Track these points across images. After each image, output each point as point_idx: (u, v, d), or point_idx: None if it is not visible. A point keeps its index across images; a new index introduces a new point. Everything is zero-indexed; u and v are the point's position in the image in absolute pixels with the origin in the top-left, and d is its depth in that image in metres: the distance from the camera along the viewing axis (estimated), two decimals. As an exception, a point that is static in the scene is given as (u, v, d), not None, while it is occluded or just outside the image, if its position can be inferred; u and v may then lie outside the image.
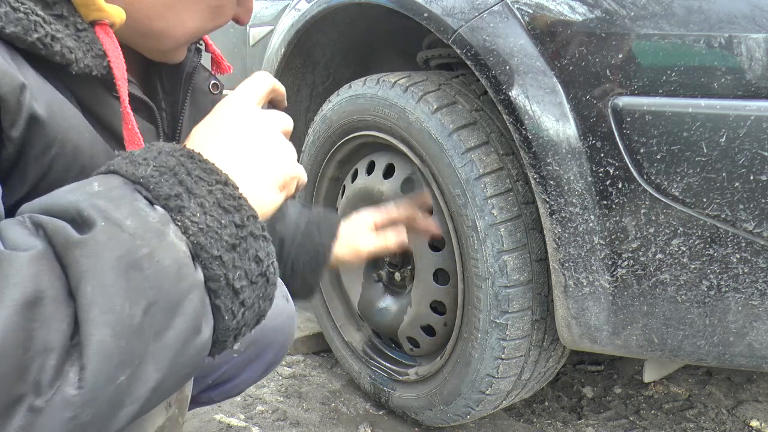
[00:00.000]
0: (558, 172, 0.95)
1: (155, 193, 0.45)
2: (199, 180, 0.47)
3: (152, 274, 0.41)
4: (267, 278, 0.49)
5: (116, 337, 0.39)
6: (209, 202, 0.46)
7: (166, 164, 0.46)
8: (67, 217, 0.41)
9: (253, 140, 0.54)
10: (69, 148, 0.51)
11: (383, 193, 1.31)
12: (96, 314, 0.39)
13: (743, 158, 0.81)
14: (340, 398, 1.52)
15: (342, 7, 1.37)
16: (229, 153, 0.52)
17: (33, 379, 0.37)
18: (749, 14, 0.81)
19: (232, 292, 0.46)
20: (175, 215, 0.44)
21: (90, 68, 0.53)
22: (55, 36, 0.50)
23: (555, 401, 1.51)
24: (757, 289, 0.86)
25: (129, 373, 0.40)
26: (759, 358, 0.91)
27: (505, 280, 1.08)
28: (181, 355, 0.44)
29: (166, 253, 0.42)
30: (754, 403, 1.48)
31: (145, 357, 0.41)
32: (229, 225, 0.46)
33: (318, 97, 1.70)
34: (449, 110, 1.14)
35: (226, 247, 0.45)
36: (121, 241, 0.41)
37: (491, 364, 1.14)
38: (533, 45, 0.95)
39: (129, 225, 0.42)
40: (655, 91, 0.86)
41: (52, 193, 0.44)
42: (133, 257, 0.41)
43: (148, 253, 0.41)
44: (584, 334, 1.02)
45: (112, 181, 0.45)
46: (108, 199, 0.42)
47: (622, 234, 0.92)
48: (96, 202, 0.42)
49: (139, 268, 0.41)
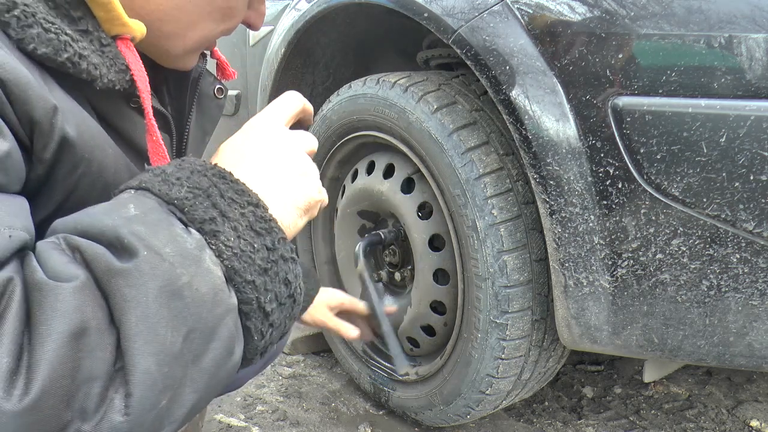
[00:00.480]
0: (558, 172, 0.95)
1: (190, 216, 0.45)
2: (232, 202, 0.47)
3: (191, 302, 0.42)
4: (294, 299, 0.50)
5: (159, 364, 0.41)
6: (242, 226, 0.47)
7: (200, 185, 0.47)
8: (105, 241, 0.42)
9: (281, 162, 0.55)
10: (95, 167, 0.52)
11: (383, 193, 1.31)
12: (141, 344, 0.40)
13: (743, 158, 0.81)
14: (340, 398, 1.52)
15: (342, 7, 1.37)
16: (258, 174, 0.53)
17: (79, 406, 0.38)
18: (749, 14, 0.81)
19: (263, 314, 0.47)
20: (210, 239, 0.45)
21: (114, 83, 0.54)
22: (83, 54, 0.51)
23: (555, 401, 1.51)
24: (757, 289, 0.86)
25: (170, 397, 0.42)
26: (759, 358, 0.91)
27: (505, 280, 1.08)
28: (215, 376, 0.45)
29: (204, 280, 0.43)
30: (754, 403, 1.48)
31: (185, 380, 0.43)
32: (261, 248, 0.47)
33: (318, 97, 1.70)
34: (449, 110, 1.14)
35: (258, 271, 0.47)
36: (163, 271, 0.42)
37: (491, 364, 1.14)
38: (533, 45, 0.95)
39: (168, 253, 0.42)
40: (655, 91, 0.86)
41: (86, 213, 0.44)
42: (174, 286, 0.42)
43: (188, 282, 0.42)
44: (584, 334, 1.02)
45: (147, 202, 0.45)
46: (146, 224, 0.43)
47: (622, 234, 0.92)
48: (135, 229, 0.42)
49: (180, 297, 0.42)
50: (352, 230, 1.46)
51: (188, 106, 0.72)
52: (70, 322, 0.38)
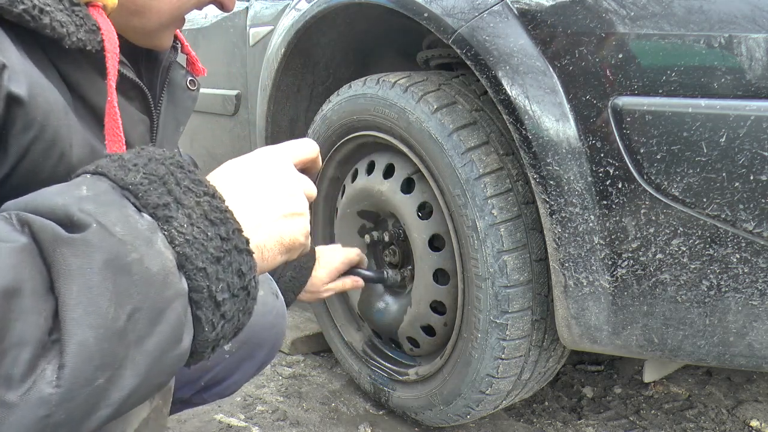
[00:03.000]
0: (558, 172, 0.95)
1: (144, 201, 0.45)
2: (188, 191, 0.47)
3: (139, 279, 0.41)
4: (248, 292, 0.49)
5: (99, 339, 0.39)
6: (196, 214, 0.46)
7: (156, 172, 0.46)
8: (55, 218, 0.41)
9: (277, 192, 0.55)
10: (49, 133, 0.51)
11: (383, 193, 1.31)
12: (80, 314, 0.39)
13: (743, 158, 0.81)
14: (340, 398, 1.52)
15: (342, 7, 1.37)
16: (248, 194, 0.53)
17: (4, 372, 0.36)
18: (749, 14, 0.81)
19: (214, 304, 0.46)
20: (163, 224, 0.44)
21: (83, 42, 0.53)
22: (44, 9, 0.49)
23: (555, 401, 1.51)
24: (757, 289, 0.86)
25: (108, 376, 0.40)
26: (759, 358, 0.91)
27: (505, 280, 1.08)
28: (159, 362, 0.43)
29: (155, 260, 0.42)
30: (754, 403, 1.48)
31: (125, 362, 0.41)
32: (215, 237, 0.46)
33: (318, 97, 1.70)
34: (449, 110, 1.14)
35: (210, 259, 0.46)
36: (112, 244, 0.41)
37: (491, 364, 1.14)
38: (533, 45, 0.95)
39: (119, 231, 0.41)
40: (655, 91, 0.86)
41: (38, 193, 0.44)
42: (122, 261, 0.41)
43: (138, 259, 0.41)
44: (584, 334, 1.02)
45: (100, 185, 0.44)
46: (97, 203, 0.42)
47: (622, 234, 0.92)
48: (85, 206, 0.42)
49: (128, 273, 0.41)
50: (352, 230, 1.46)
51: (158, 94, 0.72)
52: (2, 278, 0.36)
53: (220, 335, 0.48)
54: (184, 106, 0.76)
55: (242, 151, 2.02)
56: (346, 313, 1.56)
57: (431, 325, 1.29)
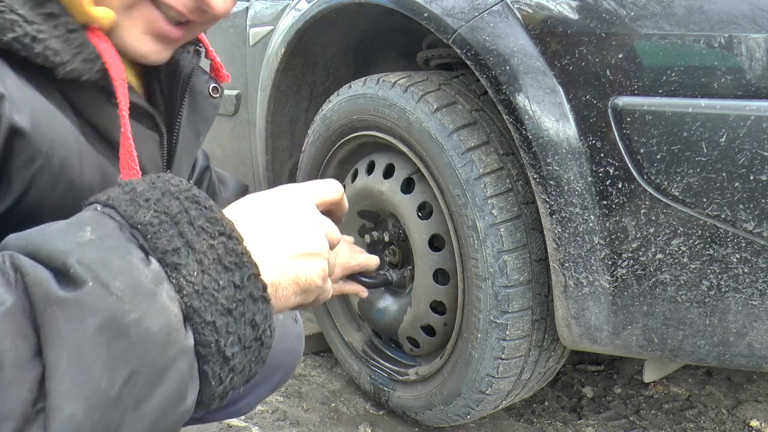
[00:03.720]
0: (558, 172, 0.95)
1: (152, 244, 0.42)
2: (202, 231, 0.44)
3: (138, 341, 0.38)
4: (262, 342, 0.47)
5: (89, 410, 0.36)
6: (209, 259, 0.43)
7: (168, 210, 0.43)
8: (52, 266, 0.38)
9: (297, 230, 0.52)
10: (56, 162, 0.49)
11: (383, 193, 1.31)
12: (68, 386, 0.36)
13: (743, 158, 0.81)
14: (340, 398, 1.52)
15: (342, 7, 1.37)
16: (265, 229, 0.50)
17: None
18: (749, 14, 0.81)
19: (223, 358, 0.43)
20: (171, 272, 0.42)
21: (79, 72, 0.51)
22: (37, 37, 0.48)
23: (555, 401, 1.51)
24: (757, 289, 0.86)
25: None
26: (759, 358, 0.91)
27: (505, 280, 1.08)
28: (159, 422, 0.41)
29: (156, 318, 0.39)
30: (754, 403, 1.48)
31: (121, 427, 0.38)
32: (227, 285, 0.43)
33: (318, 97, 1.70)
34: (449, 110, 1.14)
35: (221, 311, 0.43)
36: (108, 305, 0.38)
37: (491, 364, 1.14)
38: (533, 45, 0.95)
39: (118, 286, 0.38)
40: (655, 91, 0.86)
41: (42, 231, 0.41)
42: (119, 323, 0.38)
43: (136, 319, 0.38)
44: (584, 334, 1.02)
45: (107, 225, 0.42)
46: (99, 251, 0.39)
47: (622, 234, 0.92)
48: (86, 256, 0.39)
49: (125, 336, 0.38)
50: (352, 230, 1.46)
51: (179, 103, 0.69)
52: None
53: (228, 388, 0.45)
54: (205, 115, 0.74)
55: (242, 151, 2.02)
56: (346, 313, 1.56)
57: (431, 325, 1.29)
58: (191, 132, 0.72)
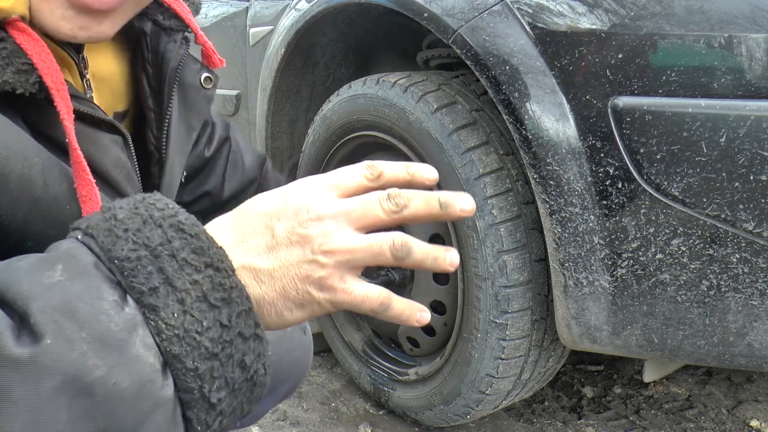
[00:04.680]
0: (558, 172, 0.95)
1: (128, 283, 0.38)
2: (186, 265, 0.39)
3: (104, 399, 0.35)
4: (254, 382, 0.42)
5: None
6: (191, 297, 0.39)
7: (149, 242, 0.39)
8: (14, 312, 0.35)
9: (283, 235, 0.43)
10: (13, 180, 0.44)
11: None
12: None
13: (743, 158, 0.81)
14: (340, 398, 1.52)
15: (342, 7, 1.37)
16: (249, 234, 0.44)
17: None
18: (749, 14, 0.81)
19: (208, 404, 0.40)
20: (149, 313, 0.38)
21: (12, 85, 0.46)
22: None
23: (555, 401, 1.51)
24: (757, 289, 0.86)
25: None
26: (759, 358, 0.91)
27: (505, 280, 1.08)
28: None
29: (126, 372, 0.36)
30: (754, 403, 1.48)
31: None
32: (213, 326, 0.39)
33: (318, 97, 1.70)
34: (449, 110, 1.14)
35: (204, 356, 0.39)
36: (68, 363, 0.34)
37: (491, 364, 1.14)
38: (533, 45, 0.95)
39: (83, 338, 0.35)
40: (655, 91, 0.86)
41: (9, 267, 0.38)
42: (81, 382, 0.34)
43: (101, 376, 0.35)
44: (584, 334, 1.02)
45: (82, 261, 0.38)
46: (66, 297, 0.36)
47: (622, 234, 0.92)
48: (50, 304, 0.35)
49: (88, 395, 0.34)
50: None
51: (167, 100, 0.64)
52: None
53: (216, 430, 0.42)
54: (197, 109, 0.68)
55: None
56: (345, 313, 1.56)
57: (431, 325, 1.29)
58: (183, 128, 0.67)
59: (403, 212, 0.45)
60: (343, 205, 0.44)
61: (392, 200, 0.45)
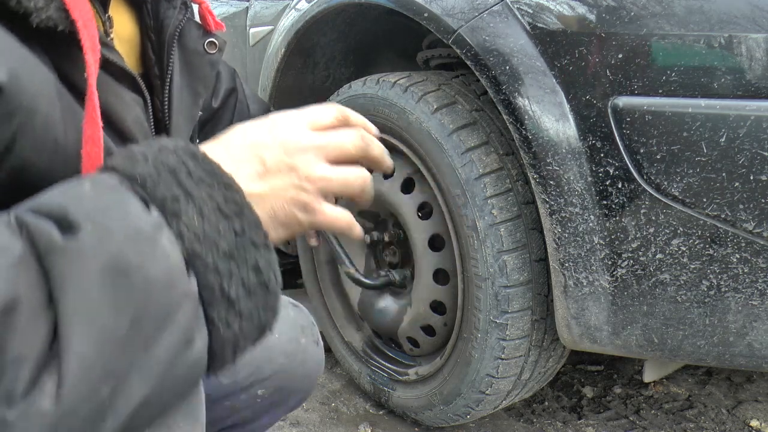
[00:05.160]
0: (558, 172, 0.95)
1: (151, 194, 0.42)
2: (200, 181, 0.44)
3: (140, 283, 0.39)
4: (267, 287, 0.46)
5: (99, 349, 0.37)
6: (208, 207, 0.43)
7: (166, 162, 0.43)
8: (54, 218, 0.39)
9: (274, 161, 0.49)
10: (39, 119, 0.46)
11: (383, 193, 1.31)
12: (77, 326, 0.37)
13: (743, 158, 0.81)
14: (340, 398, 1.52)
15: (342, 7, 1.37)
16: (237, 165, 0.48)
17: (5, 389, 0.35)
18: (749, 14, 0.81)
19: (227, 302, 0.43)
20: (171, 219, 0.42)
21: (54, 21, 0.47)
22: None
23: (555, 401, 1.51)
24: (757, 289, 0.86)
25: (112, 387, 0.38)
26: (759, 358, 0.91)
27: (505, 280, 1.08)
28: (172, 368, 0.41)
29: (157, 262, 0.40)
30: (754, 403, 1.48)
31: (131, 370, 0.39)
32: (228, 232, 0.43)
33: (318, 96, 1.70)
34: (449, 110, 1.14)
35: (222, 256, 0.43)
36: (108, 248, 0.38)
37: (491, 364, 1.14)
38: (533, 45, 0.95)
39: (118, 230, 0.39)
40: (655, 91, 0.86)
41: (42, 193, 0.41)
42: (120, 265, 0.38)
43: (138, 263, 0.39)
44: (584, 334, 1.02)
45: (108, 181, 0.42)
46: (98, 201, 0.40)
47: (622, 234, 0.92)
48: (83, 206, 0.39)
49: (127, 277, 0.38)
50: (352, 230, 1.46)
51: (166, 64, 0.65)
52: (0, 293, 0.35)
53: (239, 335, 0.45)
54: (202, 74, 0.69)
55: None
56: (346, 313, 1.56)
57: (431, 325, 1.29)
58: (188, 94, 0.68)
59: (368, 151, 0.55)
60: (322, 139, 0.52)
61: (364, 140, 0.55)
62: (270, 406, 0.89)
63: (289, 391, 0.90)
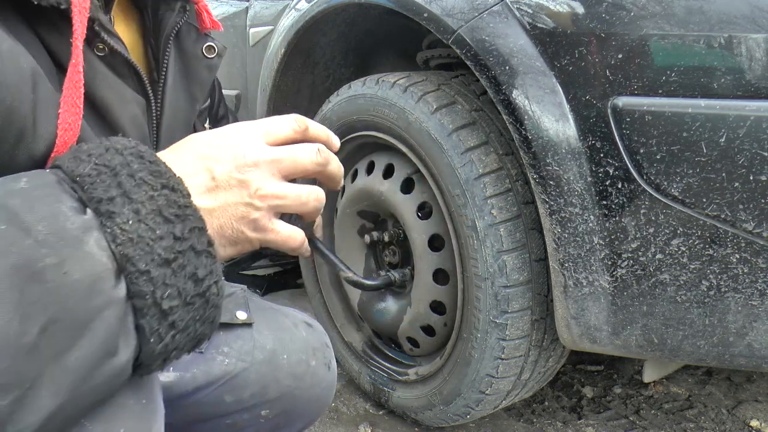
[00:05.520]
0: (558, 172, 0.95)
1: (88, 195, 0.40)
2: (142, 183, 0.42)
3: (55, 288, 0.36)
4: (207, 299, 0.44)
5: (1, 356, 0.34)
6: (146, 209, 0.41)
7: (109, 163, 0.42)
8: None
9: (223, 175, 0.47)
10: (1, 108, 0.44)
11: (383, 193, 1.31)
12: None
13: (743, 158, 0.81)
14: (340, 398, 1.52)
15: (342, 8, 1.37)
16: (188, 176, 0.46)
17: None
18: (749, 14, 0.81)
19: (160, 312, 0.41)
20: (105, 221, 0.40)
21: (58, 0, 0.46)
22: None
23: (555, 401, 1.51)
24: (757, 289, 0.86)
25: (14, 398, 0.35)
26: (759, 358, 0.91)
27: (505, 280, 1.08)
28: (88, 379, 0.39)
29: (78, 265, 0.37)
30: (754, 403, 1.48)
31: (40, 381, 0.36)
32: (166, 236, 0.41)
33: (318, 97, 1.70)
34: (449, 110, 1.14)
35: (157, 262, 0.40)
36: (22, 248, 0.36)
37: (491, 364, 1.14)
38: (533, 45, 0.95)
39: (39, 230, 0.37)
40: (655, 91, 0.86)
41: None
42: (34, 267, 0.36)
43: (55, 264, 0.36)
44: (584, 334, 1.02)
45: (46, 178, 0.40)
46: (26, 198, 0.38)
47: (621, 234, 0.92)
48: (9, 202, 0.37)
49: (40, 281, 0.36)
50: (352, 230, 1.46)
51: (161, 66, 0.64)
52: None
53: (171, 347, 0.43)
54: (199, 79, 0.68)
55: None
56: (346, 313, 1.56)
57: (431, 325, 1.29)
58: (183, 97, 0.67)
59: (326, 168, 0.53)
60: (276, 154, 0.50)
61: (321, 155, 0.52)
62: (274, 428, 0.86)
63: (296, 415, 0.86)
